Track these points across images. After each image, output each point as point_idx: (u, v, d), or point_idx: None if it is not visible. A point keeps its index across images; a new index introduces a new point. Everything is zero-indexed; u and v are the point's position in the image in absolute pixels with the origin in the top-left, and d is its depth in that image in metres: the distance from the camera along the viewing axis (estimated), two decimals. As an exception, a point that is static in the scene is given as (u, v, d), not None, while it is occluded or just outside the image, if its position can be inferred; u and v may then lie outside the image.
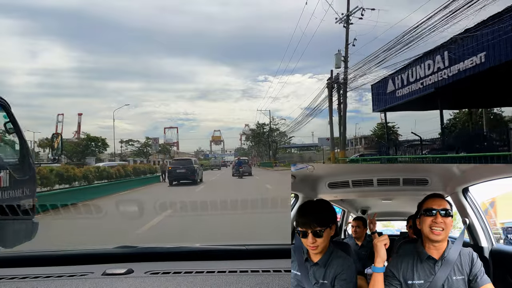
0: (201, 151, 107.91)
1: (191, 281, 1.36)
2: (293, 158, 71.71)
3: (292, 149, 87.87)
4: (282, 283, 1.31)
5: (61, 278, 1.43)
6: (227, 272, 1.44)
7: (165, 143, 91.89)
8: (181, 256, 1.74)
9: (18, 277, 1.45)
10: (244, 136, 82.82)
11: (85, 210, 8.17)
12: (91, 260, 1.68)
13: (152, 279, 1.40)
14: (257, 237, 5.52)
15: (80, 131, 75.43)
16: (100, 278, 1.41)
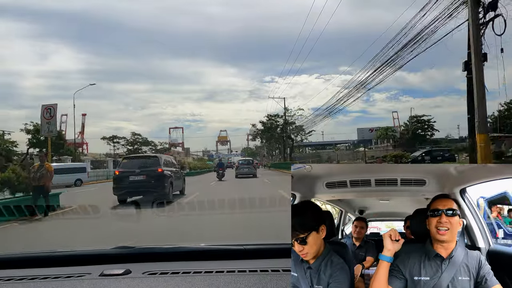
0: (207, 152, 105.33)
1: (189, 281, 1.36)
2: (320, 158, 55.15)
3: (307, 147, 76.52)
4: (280, 283, 1.31)
5: (58, 279, 1.43)
6: (225, 272, 1.44)
7: (170, 144, 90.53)
8: (179, 256, 1.74)
9: (15, 278, 1.45)
10: (251, 136, 71.13)
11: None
12: (88, 260, 1.68)
13: (150, 280, 1.40)
14: (256, 237, 5.52)
15: (84, 131, 73.52)
16: (98, 279, 1.41)
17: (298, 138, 56.80)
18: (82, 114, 73.92)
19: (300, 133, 54.68)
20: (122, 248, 1.78)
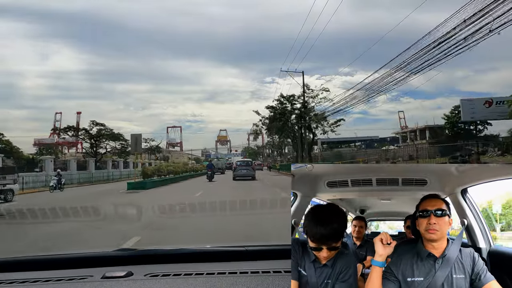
0: (206, 152, 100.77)
1: (191, 283, 1.36)
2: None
3: (327, 144, 60.93)
4: (282, 284, 1.31)
5: (60, 282, 1.43)
6: (227, 274, 1.44)
7: (168, 143, 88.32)
8: (180, 258, 1.74)
9: (18, 281, 1.45)
10: (252, 135, 61.34)
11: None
12: (90, 263, 1.68)
13: (152, 282, 1.39)
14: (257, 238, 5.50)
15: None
16: (100, 281, 1.41)
17: (318, 131, 38.67)
18: (77, 113, 71.14)
19: (321, 123, 36.82)
20: (124, 250, 1.78)
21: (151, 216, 8.36)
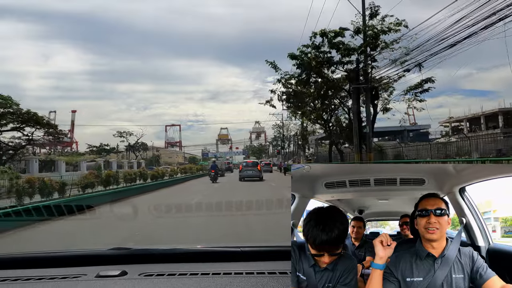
0: (205, 151, 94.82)
1: (186, 283, 1.35)
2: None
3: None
4: (277, 285, 1.30)
5: (53, 280, 1.42)
6: (222, 274, 1.43)
7: (167, 142, 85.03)
8: (175, 258, 1.73)
9: (10, 279, 1.44)
10: (255, 134, 55.92)
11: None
12: (84, 261, 1.67)
13: (146, 281, 1.39)
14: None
15: (74, 129, 68.00)
16: (94, 280, 1.40)
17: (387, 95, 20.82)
18: (72, 111, 67.84)
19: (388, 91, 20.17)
20: (118, 249, 1.76)
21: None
